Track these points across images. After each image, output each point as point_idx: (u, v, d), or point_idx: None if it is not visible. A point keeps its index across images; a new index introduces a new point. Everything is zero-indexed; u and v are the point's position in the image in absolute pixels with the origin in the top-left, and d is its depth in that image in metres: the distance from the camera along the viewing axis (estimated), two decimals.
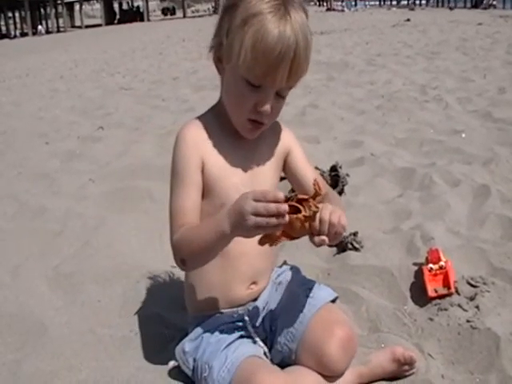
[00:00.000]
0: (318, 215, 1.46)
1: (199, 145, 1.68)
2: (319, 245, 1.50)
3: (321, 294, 1.83)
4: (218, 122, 1.72)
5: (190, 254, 1.58)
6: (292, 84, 1.59)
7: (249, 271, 1.75)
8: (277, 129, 1.82)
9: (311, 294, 1.81)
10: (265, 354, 1.78)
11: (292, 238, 1.49)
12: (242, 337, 1.75)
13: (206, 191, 1.69)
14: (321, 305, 1.78)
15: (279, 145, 1.81)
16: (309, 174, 1.82)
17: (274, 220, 1.35)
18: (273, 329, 1.82)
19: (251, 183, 1.70)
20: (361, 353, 1.79)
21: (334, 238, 1.52)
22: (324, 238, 1.48)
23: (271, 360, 1.79)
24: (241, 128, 1.67)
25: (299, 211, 1.43)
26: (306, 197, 1.46)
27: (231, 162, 1.71)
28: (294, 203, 1.45)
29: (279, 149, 1.81)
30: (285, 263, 2.04)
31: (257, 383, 1.52)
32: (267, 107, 1.58)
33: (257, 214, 1.35)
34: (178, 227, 1.61)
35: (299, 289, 1.85)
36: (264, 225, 1.36)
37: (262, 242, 1.45)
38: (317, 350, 1.69)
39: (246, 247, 1.65)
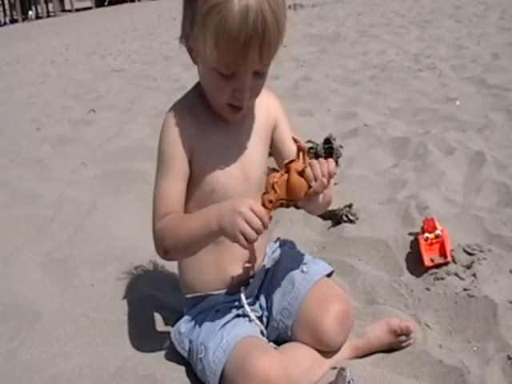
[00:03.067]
0: (306, 159, 1.49)
1: (186, 132, 1.62)
2: (320, 191, 1.50)
3: (316, 269, 1.80)
4: (202, 102, 1.65)
5: (174, 246, 1.56)
6: (267, 62, 1.50)
7: (242, 250, 1.72)
8: (263, 100, 1.72)
9: (306, 269, 1.79)
10: (261, 332, 1.76)
11: (288, 203, 1.51)
12: (237, 316, 1.73)
13: (196, 177, 1.65)
14: (316, 280, 1.76)
15: (266, 118, 1.75)
16: (295, 148, 1.79)
17: (254, 234, 1.40)
18: (268, 305, 1.80)
19: (240, 166, 1.68)
20: (357, 325, 1.78)
21: (329, 180, 1.51)
22: (323, 179, 1.48)
23: (268, 338, 1.77)
24: (222, 113, 1.62)
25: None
26: (291, 159, 1.48)
27: (219, 146, 1.66)
28: (283, 170, 1.48)
29: (266, 123, 1.75)
30: (279, 239, 2.01)
31: (252, 364, 1.50)
32: (245, 91, 1.51)
33: (246, 222, 1.39)
34: (162, 215, 1.58)
35: (294, 264, 1.82)
36: (247, 233, 1.40)
37: None
38: (313, 326, 1.67)
39: None
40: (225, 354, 1.57)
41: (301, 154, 1.51)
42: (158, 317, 2.07)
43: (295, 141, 1.50)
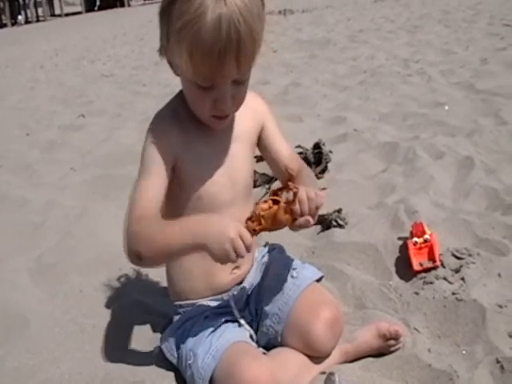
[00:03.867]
0: (296, 199, 1.46)
1: (170, 139, 1.60)
2: (304, 226, 1.50)
3: (305, 274, 1.80)
4: (186, 110, 1.62)
5: (148, 252, 1.50)
6: (245, 71, 1.48)
7: None
8: (249, 103, 1.68)
9: (295, 275, 1.79)
10: (251, 337, 1.75)
11: (271, 230, 1.51)
12: (227, 321, 1.72)
13: (182, 185, 1.64)
14: (305, 285, 1.76)
15: (253, 122, 1.74)
16: (284, 150, 1.79)
17: (237, 259, 1.42)
18: (258, 311, 1.79)
19: (227, 173, 1.67)
20: (346, 330, 1.78)
21: (316, 214, 1.51)
22: (308, 217, 1.49)
23: (257, 342, 1.77)
24: (207, 123, 1.61)
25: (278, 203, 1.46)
26: (280, 187, 1.49)
27: (205, 153, 1.65)
28: (271, 198, 1.47)
29: (253, 127, 1.75)
30: (268, 243, 2.01)
31: (241, 370, 1.49)
32: (226, 103, 1.51)
33: (232, 245, 1.38)
34: (137, 216, 1.53)
35: (283, 269, 1.82)
36: (230, 255, 1.39)
37: None
38: (303, 332, 1.67)
39: None
40: (214, 360, 1.56)
41: (294, 196, 1.49)
42: (147, 323, 2.06)
43: (290, 187, 1.48)
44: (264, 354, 1.70)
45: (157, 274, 2.34)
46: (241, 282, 1.77)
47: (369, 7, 14.89)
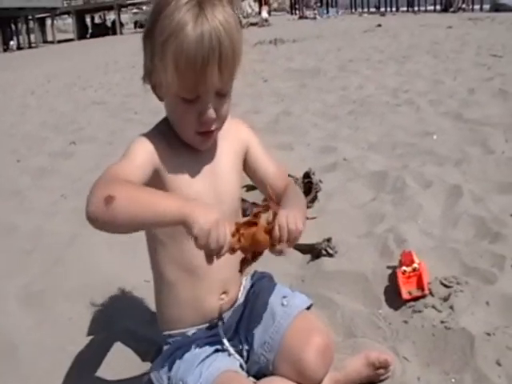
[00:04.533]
0: (276, 222, 1.47)
1: (154, 155, 1.60)
2: (281, 253, 1.50)
3: (295, 302, 1.80)
4: (173, 132, 1.64)
5: (125, 199, 1.37)
6: (227, 80, 1.53)
7: (218, 281, 1.72)
8: (233, 127, 1.75)
9: (286, 303, 1.78)
10: (241, 366, 1.74)
11: (254, 256, 1.49)
12: (217, 351, 1.71)
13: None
14: (296, 313, 1.76)
15: (237, 145, 1.77)
16: (270, 169, 1.80)
17: (215, 244, 1.35)
18: (249, 339, 1.79)
19: (213, 190, 1.68)
20: (336, 359, 1.77)
21: (293, 243, 1.51)
22: (285, 244, 1.48)
23: (248, 372, 1.76)
24: (191, 142, 1.63)
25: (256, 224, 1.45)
26: (260, 208, 1.48)
27: (190, 170, 1.66)
28: (250, 219, 1.46)
29: (237, 147, 1.77)
30: (256, 272, 2.01)
31: None
32: (210, 113, 1.54)
33: (214, 229, 1.34)
34: (113, 174, 1.48)
35: (274, 298, 1.82)
36: (209, 238, 1.33)
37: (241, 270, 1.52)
38: (295, 359, 1.67)
39: None
40: None
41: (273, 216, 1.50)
42: (136, 351, 2.05)
43: (270, 206, 1.50)
44: (254, 383, 1.70)
45: (147, 301, 2.34)
46: (229, 310, 1.78)
47: (358, 37, 15.10)
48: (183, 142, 1.65)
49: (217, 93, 1.53)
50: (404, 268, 2.17)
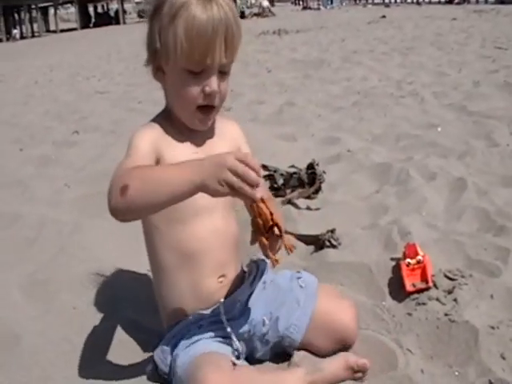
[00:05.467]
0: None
1: (155, 141, 1.68)
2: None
3: (310, 280, 1.92)
4: (170, 123, 1.74)
5: (138, 187, 1.44)
6: (230, 56, 1.63)
7: (215, 265, 1.76)
8: (227, 126, 1.88)
9: (303, 285, 1.88)
10: (237, 350, 1.74)
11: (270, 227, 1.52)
12: (217, 336, 1.73)
13: None
14: (315, 290, 1.88)
15: (230, 143, 1.84)
16: None
17: (247, 188, 1.34)
18: (273, 322, 1.81)
19: None
20: (315, 360, 1.80)
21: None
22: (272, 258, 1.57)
23: (251, 357, 1.81)
24: (192, 121, 1.70)
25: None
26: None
27: (186, 153, 1.70)
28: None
29: (232, 145, 1.84)
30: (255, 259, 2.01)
31: (202, 379, 1.51)
32: (214, 86, 1.62)
33: (234, 173, 1.34)
34: (123, 169, 1.55)
35: (289, 282, 1.90)
36: (236, 187, 1.34)
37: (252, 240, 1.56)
38: (335, 326, 1.82)
39: (208, 243, 1.72)
40: (184, 371, 1.60)
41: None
42: (140, 341, 2.06)
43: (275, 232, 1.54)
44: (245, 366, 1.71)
45: (150, 291, 2.33)
46: (229, 295, 1.79)
47: (362, 29, 15.05)
48: (182, 133, 1.73)
49: (219, 71, 1.63)
50: (408, 260, 2.16)
